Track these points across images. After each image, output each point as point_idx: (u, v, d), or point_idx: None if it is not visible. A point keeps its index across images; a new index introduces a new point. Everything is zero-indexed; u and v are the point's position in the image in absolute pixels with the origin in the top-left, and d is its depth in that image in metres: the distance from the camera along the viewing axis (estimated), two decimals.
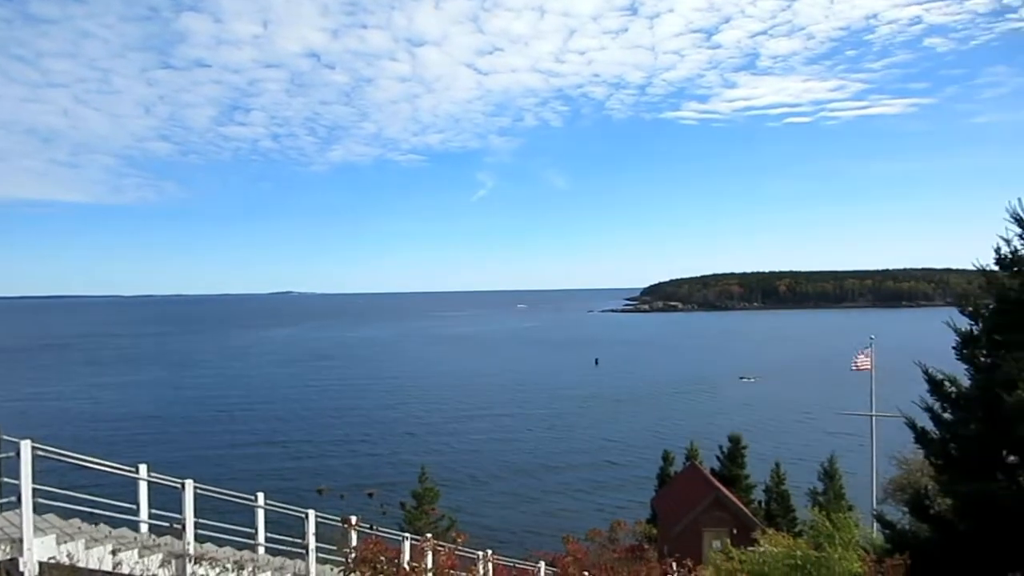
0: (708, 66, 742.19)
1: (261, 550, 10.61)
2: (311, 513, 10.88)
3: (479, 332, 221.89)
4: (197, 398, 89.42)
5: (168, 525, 8.74)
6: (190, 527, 8.58)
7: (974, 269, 14.96)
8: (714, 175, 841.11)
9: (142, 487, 8.60)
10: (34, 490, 6.68)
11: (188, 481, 8.62)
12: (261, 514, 10.56)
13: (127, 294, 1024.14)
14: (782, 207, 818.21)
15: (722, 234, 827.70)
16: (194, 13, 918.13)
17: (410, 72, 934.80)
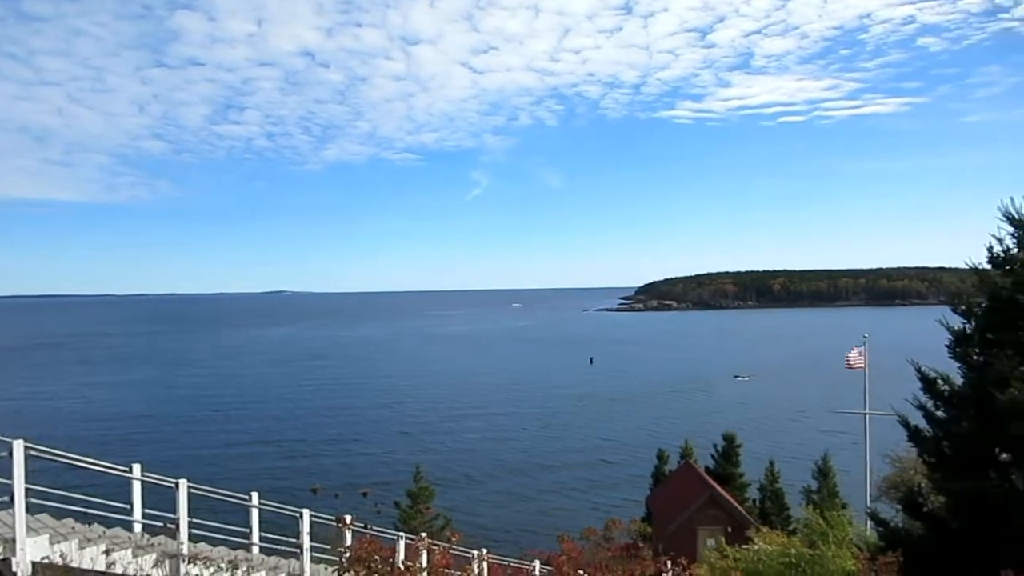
0: (702, 65, 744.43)
1: (255, 550, 10.57)
2: (305, 512, 10.82)
3: (474, 331, 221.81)
4: (191, 397, 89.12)
5: (162, 525, 8.69)
6: (184, 527, 8.53)
7: (967, 268, 15.08)
8: (708, 174, 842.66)
9: (136, 487, 8.54)
10: (27, 490, 6.64)
11: (182, 481, 8.57)
12: (255, 513, 10.52)
13: (120, 293, 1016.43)
14: (776, 206, 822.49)
15: (716, 233, 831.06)
16: (188, 11, 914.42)
17: (405, 71, 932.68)
